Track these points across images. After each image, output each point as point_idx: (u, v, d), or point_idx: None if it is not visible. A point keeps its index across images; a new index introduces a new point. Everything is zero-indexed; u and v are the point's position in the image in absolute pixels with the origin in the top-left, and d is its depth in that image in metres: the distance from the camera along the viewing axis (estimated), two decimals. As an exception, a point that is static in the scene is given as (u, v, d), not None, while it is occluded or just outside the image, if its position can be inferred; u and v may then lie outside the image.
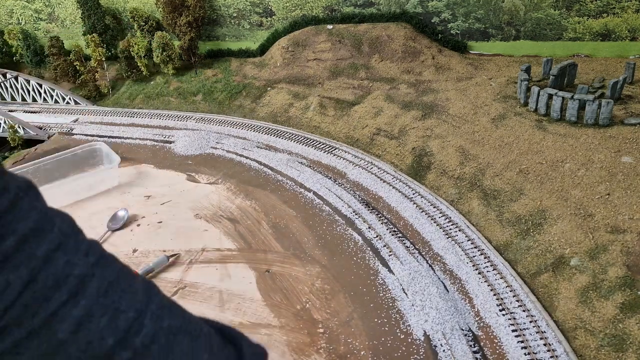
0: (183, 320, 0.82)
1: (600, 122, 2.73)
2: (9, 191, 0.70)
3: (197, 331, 0.82)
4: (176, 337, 0.79)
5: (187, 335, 0.80)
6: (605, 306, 1.90)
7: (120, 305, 0.75)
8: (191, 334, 0.81)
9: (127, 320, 0.74)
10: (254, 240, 2.58)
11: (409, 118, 3.35)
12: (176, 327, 0.80)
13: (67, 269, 0.71)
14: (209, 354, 0.81)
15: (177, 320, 0.81)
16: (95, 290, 0.73)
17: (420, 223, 2.62)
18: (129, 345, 0.73)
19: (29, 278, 0.68)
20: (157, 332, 0.77)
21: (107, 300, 0.74)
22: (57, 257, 0.71)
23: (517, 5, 3.84)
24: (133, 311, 0.76)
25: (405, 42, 4.06)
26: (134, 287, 0.79)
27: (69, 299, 0.70)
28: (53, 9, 5.33)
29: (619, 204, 2.23)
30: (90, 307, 0.71)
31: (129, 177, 3.30)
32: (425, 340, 1.93)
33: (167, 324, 0.79)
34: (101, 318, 0.72)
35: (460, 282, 2.24)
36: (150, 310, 0.77)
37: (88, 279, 0.73)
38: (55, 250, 0.71)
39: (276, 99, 4.10)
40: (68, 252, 0.72)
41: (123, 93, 4.78)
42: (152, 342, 0.76)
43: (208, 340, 0.83)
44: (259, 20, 4.66)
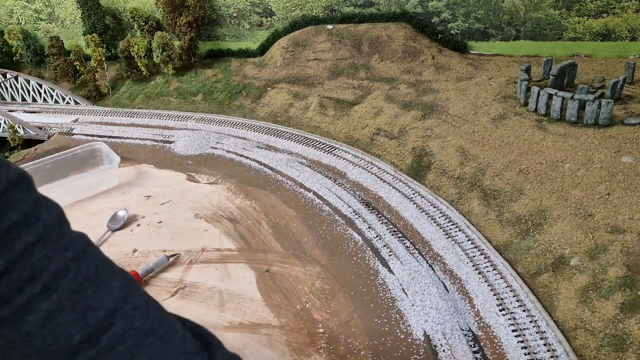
0: (157, 322, 0.81)
1: (600, 122, 2.73)
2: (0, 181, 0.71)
3: (170, 335, 0.81)
4: (146, 339, 0.78)
5: (159, 338, 0.79)
6: (605, 306, 1.90)
7: (92, 302, 0.75)
8: (163, 337, 0.80)
9: (97, 317, 0.74)
10: (254, 240, 2.58)
11: (409, 118, 3.35)
12: (148, 328, 0.79)
13: (43, 263, 0.72)
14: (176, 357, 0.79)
15: (150, 321, 0.80)
16: (68, 286, 0.73)
17: (420, 223, 2.62)
18: (94, 343, 0.73)
19: (4, 269, 0.69)
20: (126, 332, 0.76)
21: (80, 296, 0.74)
22: (36, 250, 0.72)
23: (517, 5, 3.84)
24: (104, 309, 0.75)
25: (405, 42, 4.06)
26: (110, 285, 0.78)
27: (41, 292, 0.70)
28: (53, 9, 5.33)
29: (619, 204, 2.23)
30: (61, 302, 0.72)
31: (129, 177, 3.30)
32: (425, 340, 1.93)
33: (139, 325, 0.78)
34: (71, 313, 0.72)
35: (460, 282, 2.24)
36: (123, 309, 0.77)
37: (63, 274, 0.73)
38: (35, 244, 0.72)
39: (276, 99, 4.09)
40: (47, 246, 0.73)
41: (123, 93, 4.78)
42: (118, 341, 0.75)
43: (181, 345, 0.81)
44: (259, 20, 4.66)
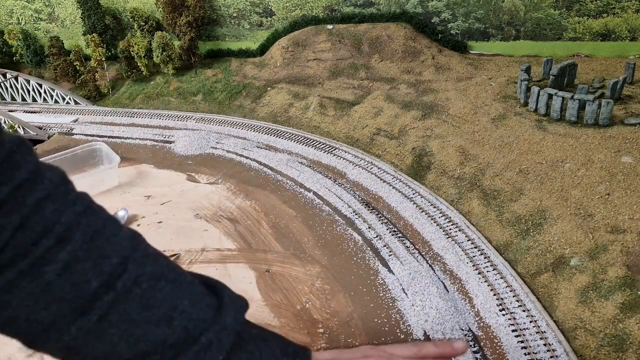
0: (166, 268, 0.85)
1: (600, 122, 2.73)
2: (3, 145, 0.74)
3: (179, 279, 0.85)
4: (158, 282, 0.82)
5: (169, 282, 0.84)
6: (605, 306, 1.90)
7: (105, 251, 0.79)
8: (173, 281, 0.84)
9: (111, 265, 0.79)
10: (254, 240, 2.58)
11: (409, 118, 3.35)
12: (159, 273, 0.84)
13: (54, 217, 0.76)
14: (189, 300, 0.84)
15: (160, 267, 0.84)
16: (81, 237, 0.78)
17: (420, 223, 2.62)
18: (111, 288, 0.77)
19: (19, 223, 0.73)
20: (139, 276, 0.80)
21: (92, 246, 0.79)
22: (46, 205, 0.76)
23: (517, 5, 3.84)
24: (117, 257, 0.80)
25: (405, 42, 4.06)
26: (119, 235, 0.83)
27: (56, 244, 0.75)
28: (53, 9, 5.33)
29: (619, 204, 2.23)
30: (76, 252, 0.76)
31: (129, 177, 3.30)
32: (425, 340, 1.93)
33: (150, 270, 0.82)
34: (86, 262, 0.77)
35: (460, 282, 2.24)
36: (133, 257, 0.82)
37: (74, 226, 0.78)
38: (45, 199, 0.76)
39: (276, 99, 4.09)
40: (56, 202, 0.77)
41: (123, 93, 4.78)
42: (134, 285, 0.79)
43: (190, 288, 0.86)
44: (259, 20, 4.66)
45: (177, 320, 0.82)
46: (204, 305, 0.85)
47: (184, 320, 0.82)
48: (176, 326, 0.81)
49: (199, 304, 0.85)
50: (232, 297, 0.90)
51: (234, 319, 0.86)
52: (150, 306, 0.80)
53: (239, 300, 0.90)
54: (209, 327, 0.83)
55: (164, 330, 0.81)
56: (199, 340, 0.81)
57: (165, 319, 0.81)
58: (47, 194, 0.76)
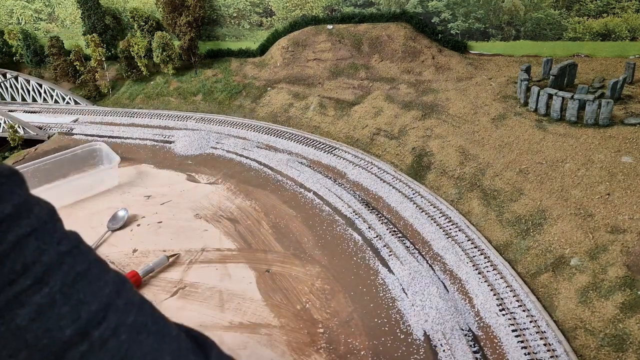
0: (150, 319, 0.80)
1: (600, 122, 2.73)
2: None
3: (163, 332, 0.80)
4: (139, 335, 0.77)
5: (152, 335, 0.78)
6: (605, 306, 1.90)
7: (85, 296, 0.74)
8: (157, 333, 0.79)
9: (89, 312, 0.73)
10: (254, 240, 2.58)
11: (409, 118, 3.35)
12: (141, 324, 0.78)
13: (35, 256, 0.71)
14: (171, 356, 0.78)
15: (144, 318, 0.79)
16: (61, 279, 0.72)
17: (420, 223, 2.62)
18: (86, 337, 0.72)
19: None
20: (119, 327, 0.75)
21: (72, 290, 0.73)
22: (29, 242, 0.71)
23: (517, 5, 3.84)
24: (97, 303, 0.75)
25: (405, 42, 4.06)
26: (103, 280, 0.78)
27: (33, 284, 0.70)
28: (53, 9, 5.33)
29: (619, 204, 2.23)
30: (53, 296, 0.71)
31: (129, 177, 3.30)
32: (425, 340, 1.93)
33: (132, 320, 0.77)
34: (62, 307, 0.71)
35: (460, 282, 2.24)
36: (116, 304, 0.76)
37: (56, 267, 0.73)
38: (28, 236, 0.71)
39: (276, 99, 4.09)
40: (40, 239, 0.72)
41: (123, 93, 4.78)
42: (111, 336, 0.74)
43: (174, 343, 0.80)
44: (259, 20, 4.66)
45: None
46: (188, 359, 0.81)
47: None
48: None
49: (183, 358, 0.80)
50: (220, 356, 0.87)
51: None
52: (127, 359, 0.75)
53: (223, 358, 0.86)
54: None
55: None
56: None
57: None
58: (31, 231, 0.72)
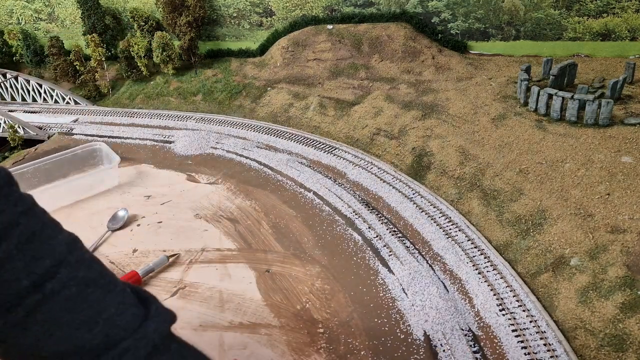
0: (99, 275, 0.91)
1: (600, 122, 2.73)
2: None
3: (110, 286, 0.91)
4: (87, 288, 0.87)
5: (99, 288, 0.89)
6: (605, 306, 1.90)
7: (39, 253, 0.84)
8: (104, 287, 0.90)
9: (43, 267, 0.83)
10: (254, 240, 2.58)
11: (409, 118, 3.35)
12: (90, 279, 0.89)
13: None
14: (115, 308, 0.88)
15: (93, 273, 0.90)
16: (17, 237, 0.81)
17: (420, 223, 2.62)
18: (40, 288, 0.81)
19: None
20: (69, 280, 0.85)
21: (28, 247, 0.83)
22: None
23: (517, 5, 3.84)
24: (50, 260, 0.84)
25: (405, 42, 4.06)
26: (56, 239, 0.88)
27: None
28: (53, 9, 5.33)
29: (619, 204, 2.23)
30: (10, 251, 0.80)
31: (129, 177, 3.30)
32: (425, 340, 1.93)
33: (82, 275, 0.88)
34: (18, 262, 0.81)
35: (460, 282, 2.24)
36: (67, 260, 0.87)
37: (12, 226, 0.81)
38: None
39: (276, 99, 4.10)
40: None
41: (123, 93, 4.78)
42: (62, 288, 0.84)
43: (119, 296, 0.91)
44: (259, 20, 4.66)
45: (100, 326, 0.85)
46: (129, 314, 0.89)
47: (106, 327, 0.85)
48: (98, 332, 0.84)
49: (125, 312, 0.89)
50: (159, 309, 0.95)
51: (154, 330, 0.89)
52: (75, 310, 0.83)
53: (165, 314, 0.95)
54: (129, 335, 0.86)
55: (84, 335, 0.83)
56: (117, 346, 0.85)
57: (88, 324, 0.84)
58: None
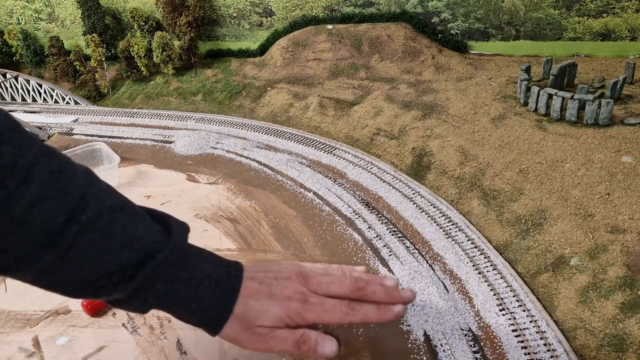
0: (120, 201, 1.03)
1: (600, 122, 2.73)
2: None
3: (132, 210, 1.03)
4: (116, 214, 0.98)
5: (125, 213, 1.00)
6: (605, 306, 1.90)
7: (66, 188, 0.91)
8: (128, 211, 1.02)
9: (74, 200, 0.90)
10: (254, 240, 2.58)
11: (409, 118, 3.35)
12: (116, 205, 1.00)
13: (14, 158, 0.84)
14: (143, 227, 1.01)
15: (116, 201, 1.01)
16: (42, 176, 0.87)
17: (420, 223, 2.62)
18: (77, 220, 0.89)
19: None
20: (100, 210, 0.95)
21: (54, 184, 0.88)
22: (4, 149, 0.84)
23: (517, 5, 3.84)
24: (78, 193, 0.92)
25: (405, 42, 4.06)
26: (76, 173, 0.96)
27: (21, 183, 0.83)
28: (53, 9, 5.33)
29: (619, 204, 2.23)
30: (39, 190, 0.85)
31: (129, 177, 3.30)
32: (425, 340, 1.93)
33: (108, 204, 0.98)
34: (51, 199, 0.87)
35: (460, 282, 2.24)
36: (92, 192, 0.95)
37: (35, 166, 0.87)
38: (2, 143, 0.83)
39: (276, 99, 4.10)
40: (13, 144, 0.85)
41: (123, 93, 4.78)
42: (96, 217, 0.93)
43: (143, 217, 1.04)
44: (259, 20, 4.66)
45: (136, 244, 0.96)
46: (155, 230, 1.03)
47: (142, 244, 0.97)
48: (136, 249, 0.96)
49: (151, 229, 1.02)
50: (177, 222, 1.10)
51: (181, 239, 1.05)
52: (112, 234, 0.93)
53: (182, 225, 1.10)
54: (162, 247, 0.99)
55: (126, 254, 0.94)
56: (155, 258, 0.97)
57: (127, 244, 0.95)
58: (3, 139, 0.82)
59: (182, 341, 1.56)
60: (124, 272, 0.93)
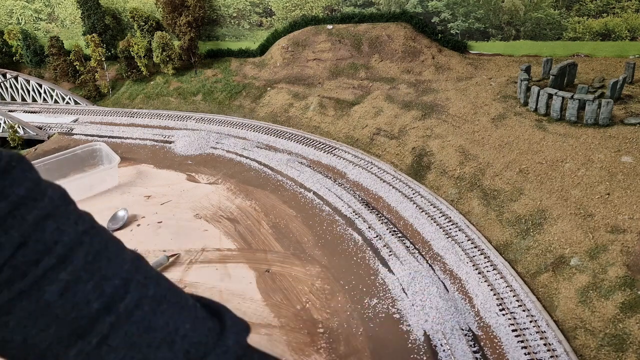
0: (168, 291, 0.85)
1: (600, 122, 2.73)
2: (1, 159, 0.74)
3: (181, 302, 0.86)
4: (160, 306, 0.83)
5: (171, 305, 0.84)
6: (605, 306, 1.90)
7: (107, 272, 0.79)
8: (175, 304, 0.85)
9: (113, 286, 0.79)
10: (254, 240, 2.58)
11: (409, 118, 3.35)
12: (160, 296, 0.84)
13: (56, 236, 0.76)
14: (190, 323, 0.84)
15: (162, 290, 0.85)
16: (83, 257, 0.77)
17: (420, 223, 2.62)
18: (113, 310, 0.77)
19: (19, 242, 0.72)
20: (141, 299, 0.81)
21: (94, 267, 0.78)
22: (47, 224, 0.76)
23: (517, 5, 3.84)
24: (119, 279, 0.80)
25: (405, 42, 4.06)
26: (121, 257, 0.83)
27: (58, 263, 0.74)
28: (53, 9, 5.33)
29: (619, 204, 2.23)
30: (77, 272, 0.76)
31: (129, 177, 3.30)
32: (425, 340, 1.93)
33: (152, 293, 0.83)
34: (87, 283, 0.76)
35: (460, 282, 2.24)
36: (136, 279, 0.82)
37: (77, 246, 0.77)
38: (46, 218, 0.76)
39: (276, 99, 4.10)
40: (57, 220, 0.77)
41: (123, 93, 4.78)
42: (135, 308, 0.79)
43: (191, 311, 0.87)
44: (259, 20, 4.66)
45: (178, 343, 0.82)
46: (205, 329, 0.86)
47: (185, 344, 0.83)
48: (177, 350, 0.82)
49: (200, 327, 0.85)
50: (234, 320, 0.90)
51: (235, 342, 0.86)
52: (151, 329, 0.80)
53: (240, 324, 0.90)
54: (210, 350, 0.83)
55: (165, 354, 0.81)
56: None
57: (167, 342, 0.81)
58: (47, 213, 0.76)
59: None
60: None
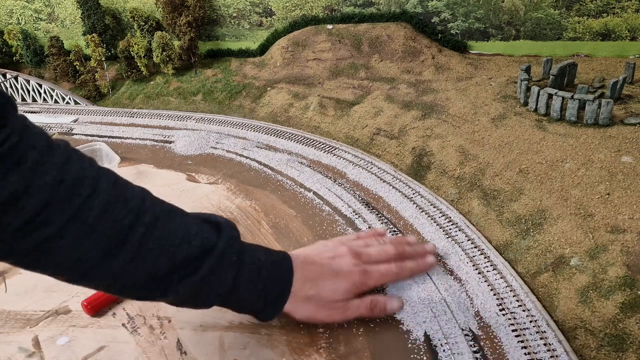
0: (170, 205, 1.17)
1: (600, 122, 2.73)
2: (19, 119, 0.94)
3: (184, 212, 1.17)
4: (170, 215, 1.10)
5: (179, 215, 1.13)
6: (605, 306, 1.90)
7: (127, 195, 1.04)
8: (181, 214, 1.15)
9: (136, 205, 1.03)
10: (254, 240, 2.58)
11: (409, 118, 3.35)
12: (168, 208, 1.14)
13: (81, 172, 0.98)
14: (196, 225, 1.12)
15: (166, 205, 1.15)
16: (107, 186, 1.00)
17: (420, 223, 2.62)
18: (141, 222, 1.01)
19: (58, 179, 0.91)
20: (157, 212, 1.07)
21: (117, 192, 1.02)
22: (71, 164, 0.97)
23: (517, 5, 3.84)
24: (137, 198, 1.05)
25: (405, 42, 4.07)
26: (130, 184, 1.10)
27: (91, 192, 0.96)
28: (53, 9, 5.33)
29: (619, 203, 2.23)
30: (107, 197, 0.98)
31: (129, 177, 3.27)
32: (425, 340, 1.94)
33: (162, 208, 1.11)
34: (117, 204, 0.99)
35: (461, 282, 2.24)
36: (148, 198, 1.09)
37: (99, 178, 1.00)
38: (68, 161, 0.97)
39: (276, 99, 4.10)
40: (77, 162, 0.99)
41: (123, 93, 4.78)
42: (156, 219, 1.05)
43: (194, 217, 1.17)
44: (259, 20, 4.67)
45: (194, 240, 1.07)
46: (207, 228, 1.13)
47: (198, 240, 1.08)
48: (195, 245, 1.06)
49: (203, 227, 1.13)
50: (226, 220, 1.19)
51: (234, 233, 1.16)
52: (172, 233, 1.04)
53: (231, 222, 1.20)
54: (218, 240, 1.11)
55: (186, 249, 1.04)
56: (214, 249, 1.08)
57: (186, 241, 1.06)
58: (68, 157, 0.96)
59: (182, 341, 1.56)
60: (188, 266, 1.02)
